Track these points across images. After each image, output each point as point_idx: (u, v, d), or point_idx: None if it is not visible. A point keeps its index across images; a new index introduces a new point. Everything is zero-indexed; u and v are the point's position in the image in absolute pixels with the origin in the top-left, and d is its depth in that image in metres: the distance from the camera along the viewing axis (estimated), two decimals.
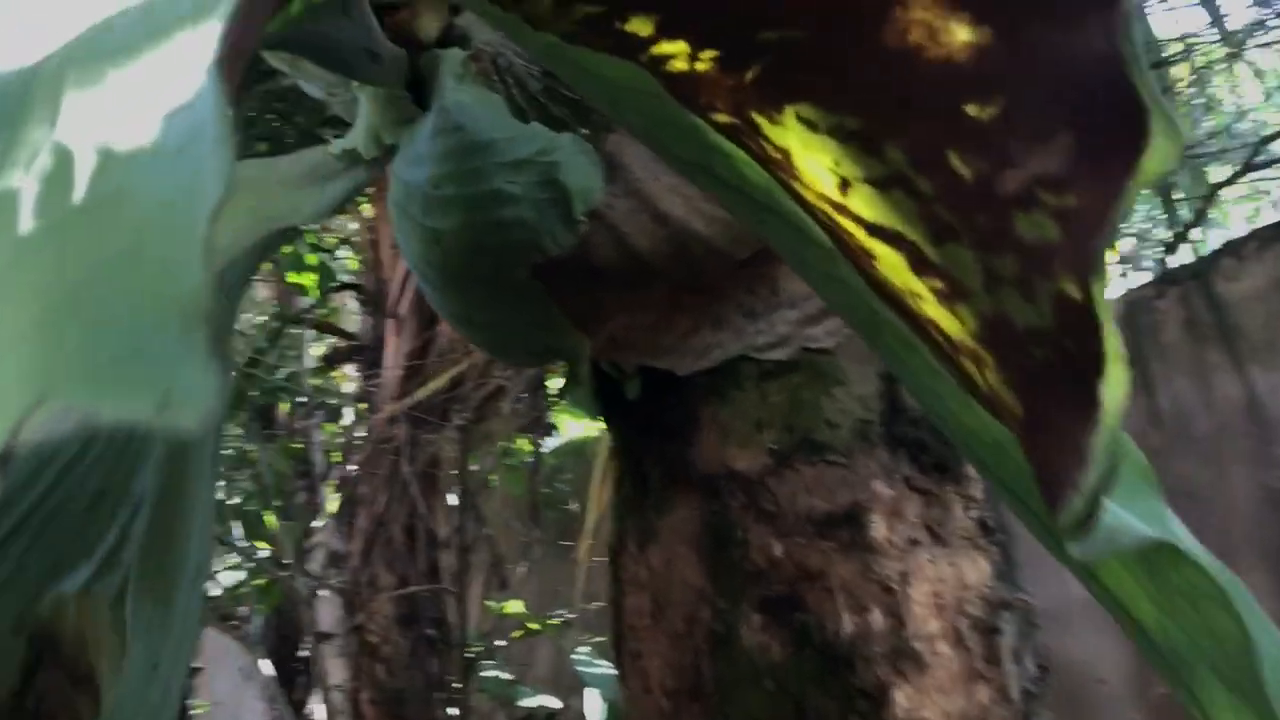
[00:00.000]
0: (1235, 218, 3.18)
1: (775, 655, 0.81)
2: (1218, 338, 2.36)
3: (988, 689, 0.85)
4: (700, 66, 0.44)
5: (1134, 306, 2.49)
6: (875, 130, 0.39)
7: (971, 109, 0.37)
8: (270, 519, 3.68)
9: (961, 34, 0.36)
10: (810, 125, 0.42)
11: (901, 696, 0.80)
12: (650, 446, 0.93)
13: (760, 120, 0.43)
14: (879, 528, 0.84)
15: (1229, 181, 2.32)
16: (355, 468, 2.74)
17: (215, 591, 3.68)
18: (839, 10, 0.38)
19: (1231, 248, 2.44)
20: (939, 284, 0.39)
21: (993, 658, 0.86)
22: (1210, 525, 2.43)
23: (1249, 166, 2.22)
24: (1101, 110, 0.33)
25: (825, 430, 0.87)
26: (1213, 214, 2.65)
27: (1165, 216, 2.46)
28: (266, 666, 3.75)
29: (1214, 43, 2.55)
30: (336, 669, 3.01)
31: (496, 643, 2.60)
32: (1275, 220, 2.44)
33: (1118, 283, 2.48)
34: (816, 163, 0.42)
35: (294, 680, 3.87)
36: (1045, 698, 0.93)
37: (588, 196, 0.81)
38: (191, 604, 0.62)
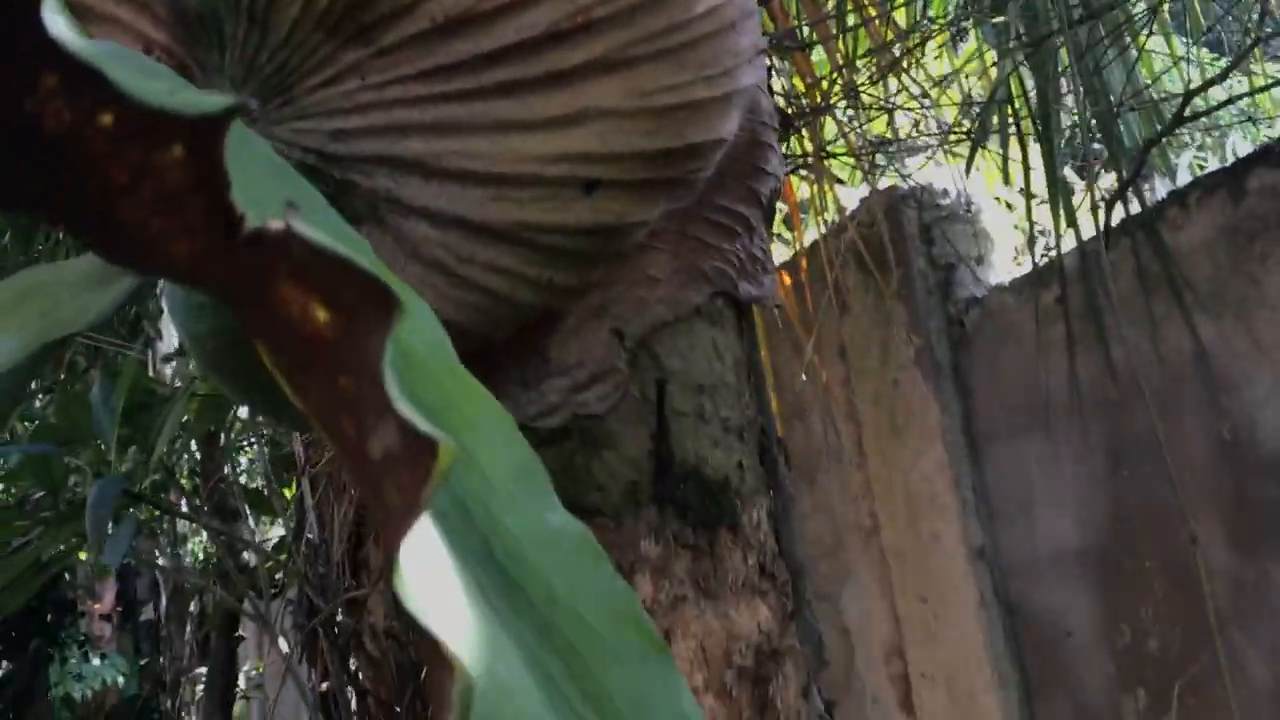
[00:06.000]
0: (1181, 167, 3.13)
1: None
2: (1167, 287, 2.35)
3: None
4: None
5: (1086, 259, 2.48)
6: (298, 378, 0.43)
7: (343, 381, 0.40)
8: (288, 493, 3.79)
9: (321, 315, 0.39)
10: (272, 364, 0.45)
11: None
12: None
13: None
14: (644, 587, 0.88)
15: (1162, 135, 2.28)
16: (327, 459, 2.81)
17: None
18: (247, 289, 0.41)
19: (1176, 197, 2.41)
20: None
21: (763, 704, 0.89)
22: (1164, 476, 2.43)
23: (1179, 119, 2.19)
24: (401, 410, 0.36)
25: (596, 494, 0.90)
26: (1161, 163, 2.62)
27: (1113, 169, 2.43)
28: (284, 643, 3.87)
29: None
30: (343, 646, 3.12)
31: None
32: (1218, 169, 2.41)
33: (1069, 236, 2.45)
34: (289, 392, 0.45)
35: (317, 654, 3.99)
36: None
37: None
38: None
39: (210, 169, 0.37)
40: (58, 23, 0.34)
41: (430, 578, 0.39)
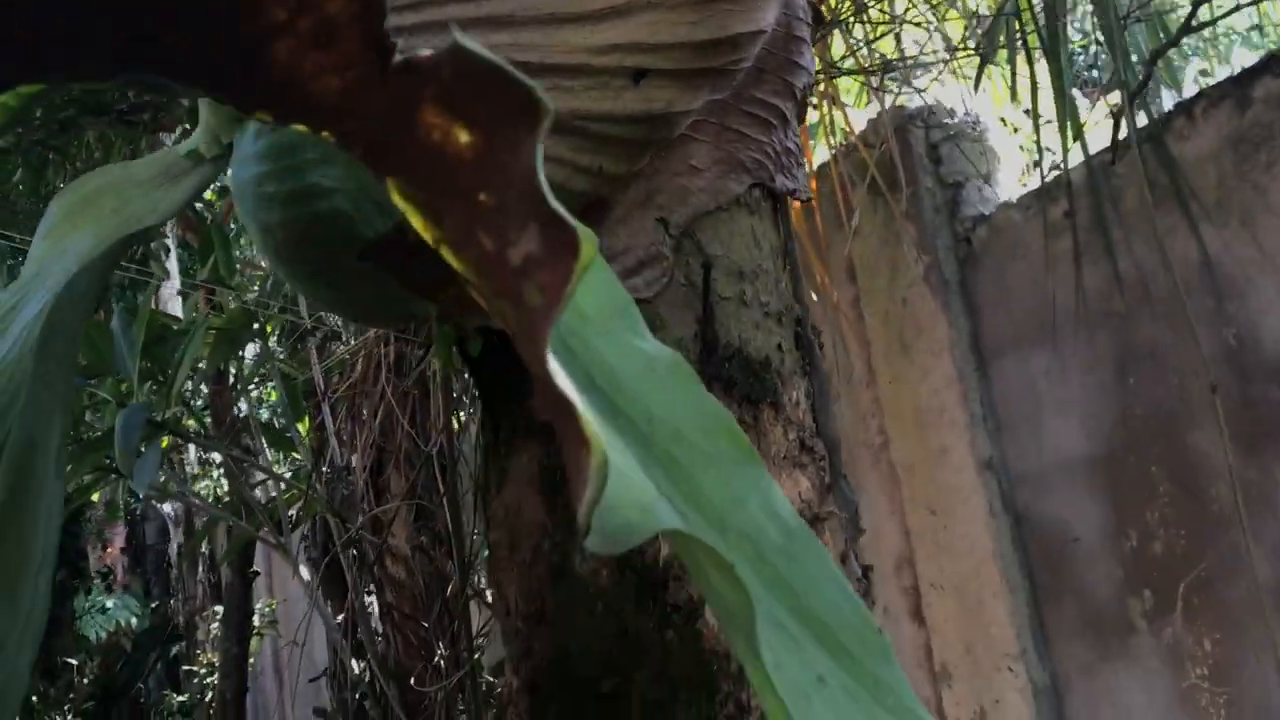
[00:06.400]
0: (1187, 78, 3.14)
1: (603, 580, 0.91)
2: (1174, 199, 2.38)
3: None
4: None
5: (1093, 173, 2.51)
6: (426, 202, 0.47)
7: (483, 196, 0.44)
8: (303, 427, 3.85)
9: (463, 137, 0.44)
10: (404, 196, 0.49)
11: (711, 612, 0.89)
12: (499, 398, 1.02)
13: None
14: None
15: (1168, 45, 2.31)
16: (350, 386, 2.87)
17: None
18: (392, 121, 0.46)
19: (1183, 108, 2.44)
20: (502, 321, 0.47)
21: None
22: (1171, 385, 2.49)
23: (1185, 29, 2.22)
24: (547, 209, 0.41)
25: None
26: (1165, 75, 2.64)
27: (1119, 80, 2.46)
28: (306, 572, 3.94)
29: None
30: (365, 571, 3.19)
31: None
32: (1223, 79, 2.43)
33: (1076, 150, 2.48)
34: (418, 223, 0.50)
35: (340, 580, 4.06)
36: (870, 595, 1.02)
37: None
38: (39, 590, 0.72)
39: (369, 3, 0.41)
40: None
41: (565, 374, 0.43)
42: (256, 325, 3.59)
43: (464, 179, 0.44)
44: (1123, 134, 2.41)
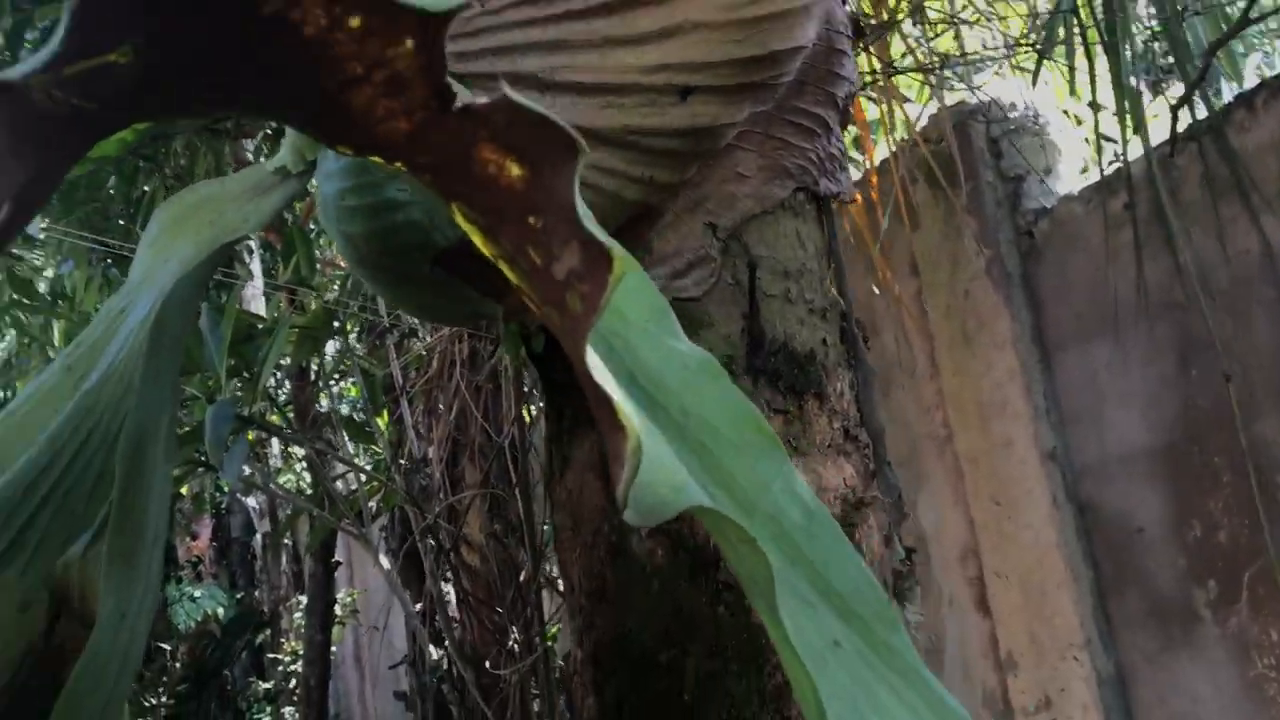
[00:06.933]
0: (1248, 69, 3.12)
1: (659, 560, 0.99)
2: (1234, 191, 2.39)
3: None
4: None
5: (1153, 165, 2.52)
6: (486, 225, 0.55)
7: (532, 220, 0.52)
8: (382, 421, 3.99)
9: (514, 170, 0.51)
10: (466, 218, 0.57)
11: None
12: (561, 390, 1.10)
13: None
14: None
15: (1228, 36, 2.31)
16: (426, 381, 2.98)
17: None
18: (453, 156, 0.53)
19: (1243, 99, 2.44)
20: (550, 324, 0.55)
21: None
22: (1234, 375, 2.49)
23: (1245, 20, 2.22)
24: (585, 231, 0.48)
25: None
26: (1226, 66, 2.64)
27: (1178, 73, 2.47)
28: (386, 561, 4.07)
29: None
30: (442, 560, 3.31)
31: None
32: None
33: (1136, 143, 2.50)
34: (478, 241, 0.58)
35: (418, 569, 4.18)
36: (912, 575, 1.08)
37: None
38: (153, 564, 0.82)
39: (433, 58, 0.49)
40: None
41: (604, 367, 0.51)
42: (337, 323, 3.73)
43: (516, 205, 0.52)
44: (1182, 126, 2.43)
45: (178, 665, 5.23)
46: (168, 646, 5.29)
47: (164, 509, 0.86)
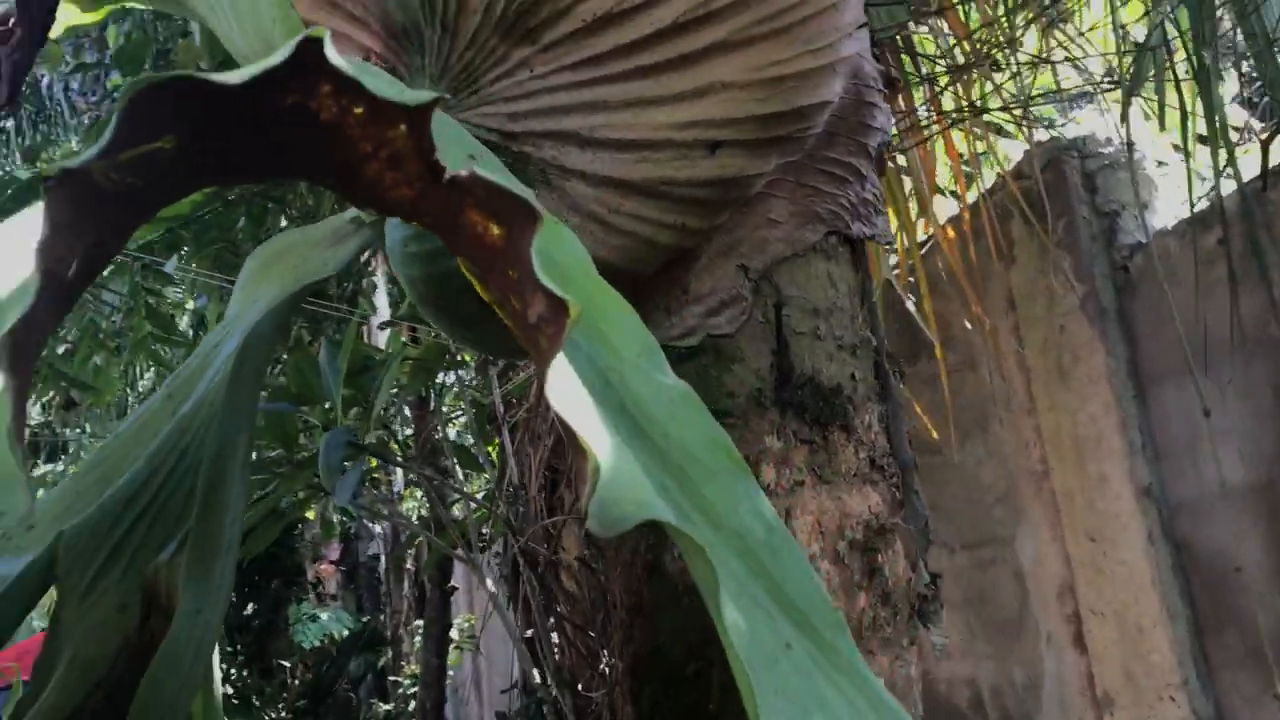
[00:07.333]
0: None
1: (689, 578, 1.06)
2: None
3: (867, 595, 1.07)
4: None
5: (1247, 200, 2.50)
6: (479, 275, 0.64)
7: (511, 272, 0.61)
8: (490, 450, 4.14)
9: (495, 230, 0.61)
10: (468, 270, 0.67)
11: None
12: None
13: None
14: (767, 474, 1.07)
15: None
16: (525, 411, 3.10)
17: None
18: (448, 218, 0.63)
19: None
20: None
21: (872, 571, 1.08)
22: None
23: None
24: (544, 284, 0.57)
25: (726, 400, 1.10)
26: None
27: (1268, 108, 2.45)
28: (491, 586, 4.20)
29: None
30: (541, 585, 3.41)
31: None
32: None
33: (1228, 180, 2.48)
34: (479, 289, 0.67)
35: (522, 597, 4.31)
36: (937, 599, 1.13)
37: None
38: (226, 571, 0.93)
39: (422, 139, 0.58)
40: (333, 52, 0.56)
41: (568, 390, 0.59)
42: (449, 355, 3.89)
43: (498, 259, 0.61)
44: (1275, 160, 2.41)
45: (297, 682, 5.47)
46: (288, 664, 5.53)
47: (238, 521, 0.97)
